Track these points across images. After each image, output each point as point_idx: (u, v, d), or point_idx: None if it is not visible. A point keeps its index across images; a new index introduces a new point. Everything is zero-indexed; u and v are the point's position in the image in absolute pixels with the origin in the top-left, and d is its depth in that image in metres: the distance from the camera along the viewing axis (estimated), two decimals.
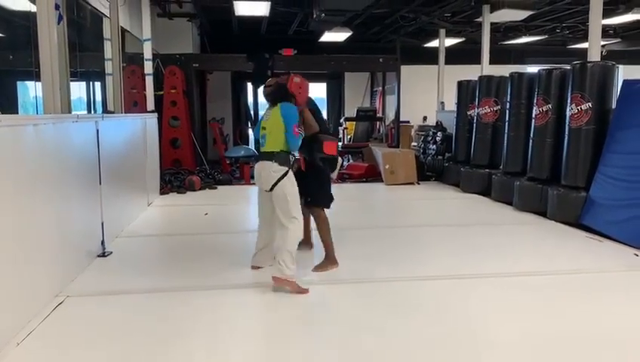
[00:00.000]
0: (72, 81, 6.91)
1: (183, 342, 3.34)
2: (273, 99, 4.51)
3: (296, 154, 4.52)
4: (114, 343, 3.35)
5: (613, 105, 6.42)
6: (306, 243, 4.99)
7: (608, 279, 4.64)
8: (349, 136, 14.74)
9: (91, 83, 8.93)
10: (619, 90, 6.43)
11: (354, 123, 14.79)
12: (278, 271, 4.17)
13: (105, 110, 8.44)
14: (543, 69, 7.31)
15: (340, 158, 4.87)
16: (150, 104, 9.25)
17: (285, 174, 4.28)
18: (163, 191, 8.81)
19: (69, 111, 6.33)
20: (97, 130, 5.18)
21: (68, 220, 4.39)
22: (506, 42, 13.82)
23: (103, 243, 5.24)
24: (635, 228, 5.48)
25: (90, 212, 5.06)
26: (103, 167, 5.27)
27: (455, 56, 12.74)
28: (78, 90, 8.33)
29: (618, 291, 4.32)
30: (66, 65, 6.24)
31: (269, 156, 4.34)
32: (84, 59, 8.15)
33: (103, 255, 5.17)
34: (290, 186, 4.31)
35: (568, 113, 6.60)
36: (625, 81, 6.41)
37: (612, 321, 3.69)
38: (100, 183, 5.24)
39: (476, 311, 3.88)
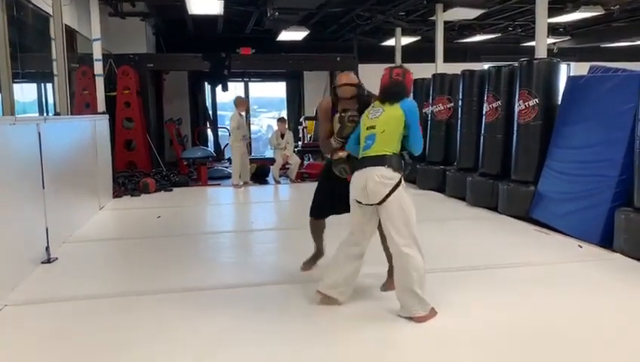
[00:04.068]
0: (20, 82, 6.72)
1: (121, 351, 3.26)
2: (395, 98, 3.64)
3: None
4: (52, 353, 3.25)
5: (559, 101, 6.58)
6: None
7: (554, 271, 4.74)
8: (309, 136, 14.71)
9: (43, 85, 8.67)
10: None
11: (314, 122, 14.76)
12: (405, 311, 3.54)
13: (56, 112, 8.21)
14: (493, 66, 7.45)
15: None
16: (101, 105, 9.03)
17: (400, 181, 3.55)
18: (116, 194, 8.62)
19: (12, 114, 6.14)
20: (39, 133, 5.02)
21: (4, 226, 4.22)
22: (462, 41, 14.02)
23: (47, 249, 5.08)
24: (578, 221, 5.63)
25: (32, 217, 4.89)
26: (46, 170, 5.10)
27: (412, 54, 12.86)
28: (31, 92, 8.09)
29: (563, 282, 4.42)
30: (7, 66, 6.05)
31: (380, 160, 3.52)
32: (36, 60, 7.93)
33: (48, 261, 5.01)
34: (407, 196, 3.58)
35: (516, 109, 6.73)
36: (569, 77, 6.59)
37: (559, 311, 3.78)
38: (44, 187, 5.07)
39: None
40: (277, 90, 17.02)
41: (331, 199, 4.20)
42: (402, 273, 3.53)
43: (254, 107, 17.24)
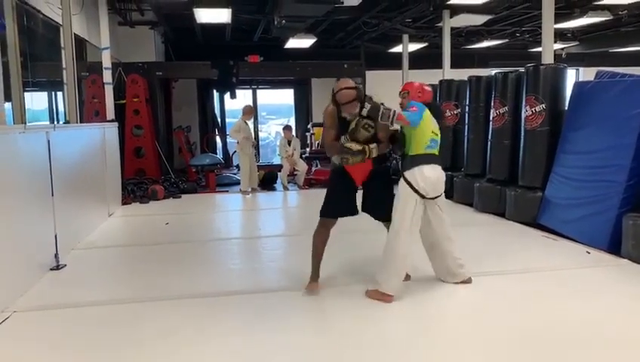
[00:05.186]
0: (30, 91, 6.79)
1: (129, 357, 3.29)
2: None
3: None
4: (60, 359, 3.29)
5: (566, 107, 6.56)
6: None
7: (562, 277, 4.72)
8: (316, 142, 14.75)
9: (53, 93, 8.77)
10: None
11: (321, 129, 14.79)
12: (459, 277, 4.40)
13: (66, 120, 8.29)
14: (499, 72, 7.45)
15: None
16: (110, 113, 9.12)
17: None
18: (125, 201, 8.68)
19: (23, 122, 6.21)
20: (48, 141, 5.08)
21: (14, 233, 4.28)
22: (469, 47, 14.02)
23: (56, 255, 5.13)
24: (586, 227, 5.60)
25: (42, 224, 4.94)
26: (55, 178, 5.16)
27: (419, 60, 12.88)
28: (42, 101, 8.18)
29: (572, 288, 4.41)
30: (18, 75, 6.13)
31: (439, 160, 4.22)
32: (46, 69, 8.02)
33: (57, 268, 5.07)
34: None
35: (523, 115, 6.72)
36: (576, 83, 6.57)
37: (568, 317, 3.77)
38: (52, 195, 5.13)
39: (435, 311, 3.94)
40: (285, 97, 17.08)
41: (347, 198, 4.30)
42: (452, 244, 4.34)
43: (262, 114, 17.31)
